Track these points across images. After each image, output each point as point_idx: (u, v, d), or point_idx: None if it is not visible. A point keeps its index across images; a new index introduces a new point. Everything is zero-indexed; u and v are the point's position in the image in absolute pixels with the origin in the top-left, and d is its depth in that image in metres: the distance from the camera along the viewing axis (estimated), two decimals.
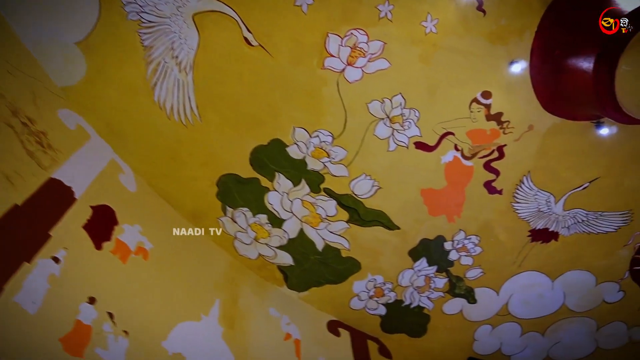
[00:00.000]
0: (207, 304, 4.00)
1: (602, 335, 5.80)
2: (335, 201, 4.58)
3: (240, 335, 4.05)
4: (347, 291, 5.08)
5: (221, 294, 4.23)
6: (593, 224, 4.98)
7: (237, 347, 3.90)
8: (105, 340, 2.94)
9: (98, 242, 3.37)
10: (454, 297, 5.28)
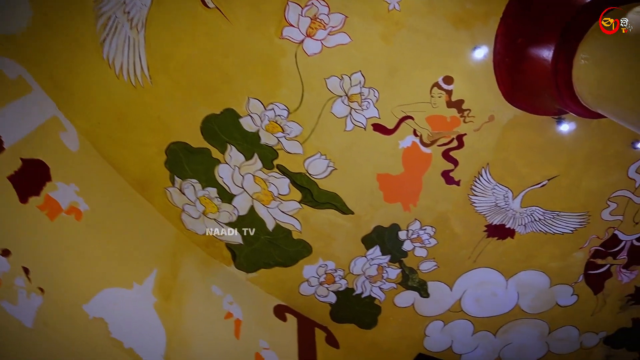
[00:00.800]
0: (143, 273, 3.84)
1: (553, 339, 5.77)
2: (288, 179, 4.47)
3: (175, 307, 3.90)
4: (297, 275, 4.97)
5: (160, 265, 4.07)
6: (550, 223, 4.95)
7: (169, 319, 3.75)
8: (15, 295, 2.77)
9: (23, 196, 3.20)
10: (407, 289, 5.20)
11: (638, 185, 4.83)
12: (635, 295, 5.55)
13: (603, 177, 4.75)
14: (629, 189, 4.84)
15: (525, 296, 5.41)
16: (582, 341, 5.83)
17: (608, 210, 4.94)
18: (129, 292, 3.60)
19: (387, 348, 5.57)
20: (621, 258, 5.26)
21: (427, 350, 5.69)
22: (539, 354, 5.88)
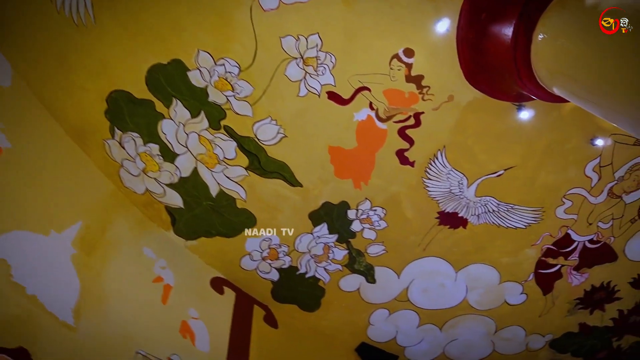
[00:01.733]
0: (64, 222, 3.61)
1: (499, 339, 5.69)
2: (235, 143, 4.27)
3: (97, 263, 3.67)
4: (239, 247, 4.77)
5: (88, 219, 3.84)
6: (503, 216, 4.85)
7: (87, 273, 3.53)
8: None
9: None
10: (353, 272, 5.04)
11: (594, 184, 4.76)
12: (584, 300, 5.49)
13: (560, 173, 4.67)
14: (585, 187, 4.78)
15: (474, 291, 5.31)
16: (528, 343, 5.76)
17: (563, 207, 4.86)
18: (44, 238, 3.37)
19: (330, 334, 5.41)
20: (572, 259, 5.20)
21: (371, 339, 5.55)
22: (484, 353, 5.79)
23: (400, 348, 5.64)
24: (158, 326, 3.82)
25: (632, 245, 5.19)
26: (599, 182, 4.76)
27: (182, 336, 3.95)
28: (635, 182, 4.78)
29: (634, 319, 5.70)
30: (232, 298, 4.81)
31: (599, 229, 5.03)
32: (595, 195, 4.83)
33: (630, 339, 5.89)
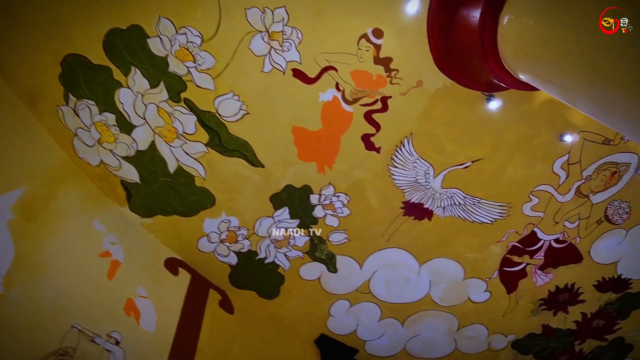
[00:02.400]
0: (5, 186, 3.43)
1: (462, 337, 5.61)
2: (195, 117, 4.13)
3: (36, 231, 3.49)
4: (196, 228, 4.62)
5: (32, 186, 3.66)
6: (470, 210, 4.78)
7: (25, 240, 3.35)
8: None
9: None
10: (314, 260, 4.92)
11: (562, 182, 4.71)
12: (547, 300, 5.44)
13: (528, 168, 4.61)
14: (553, 184, 4.72)
15: (438, 286, 5.23)
16: (490, 342, 5.69)
17: (530, 204, 4.80)
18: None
19: (288, 323, 5.28)
20: (538, 258, 5.14)
21: (331, 331, 5.43)
22: (445, 351, 5.71)
23: (360, 342, 5.53)
24: (100, 301, 3.66)
25: (598, 247, 5.16)
26: (566, 180, 4.71)
27: (125, 314, 3.79)
28: (602, 182, 4.74)
29: (597, 323, 5.67)
30: (186, 280, 4.65)
31: (565, 228, 4.98)
32: (562, 194, 4.78)
33: (593, 343, 5.85)
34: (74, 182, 4.13)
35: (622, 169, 4.71)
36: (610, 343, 5.87)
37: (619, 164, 4.68)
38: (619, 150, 4.63)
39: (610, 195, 4.86)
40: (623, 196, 4.88)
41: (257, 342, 4.88)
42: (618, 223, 5.02)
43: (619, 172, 4.72)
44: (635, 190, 4.85)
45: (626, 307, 5.60)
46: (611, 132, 4.52)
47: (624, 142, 4.57)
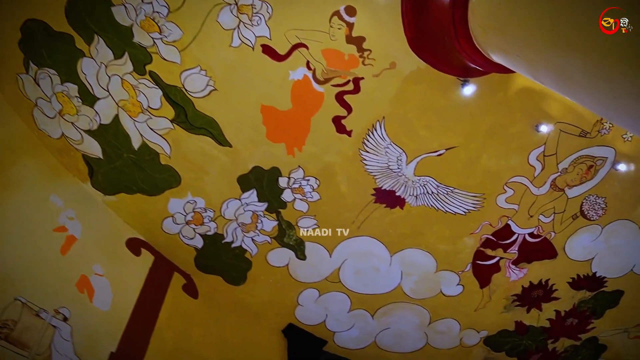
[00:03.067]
0: None
1: (433, 331, 5.52)
2: (161, 91, 4.02)
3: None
4: (161, 208, 4.50)
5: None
6: (443, 199, 4.69)
7: None
8: None
9: None
10: (282, 246, 4.82)
11: (537, 174, 4.64)
12: (521, 296, 5.37)
13: (503, 158, 4.54)
14: (528, 176, 4.65)
15: (409, 277, 5.13)
16: (463, 338, 5.60)
17: (504, 196, 4.73)
18: None
19: (255, 311, 5.16)
20: (511, 252, 5.06)
21: (299, 321, 5.32)
22: (416, 345, 5.62)
23: (329, 333, 5.43)
24: (50, 276, 3.52)
25: (572, 243, 5.09)
26: (542, 172, 4.64)
27: (77, 290, 3.66)
28: (578, 175, 4.68)
29: (571, 321, 5.60)
30: (149, 261, 4.52)
31: (539, 222, 4.91)
32: (537, 186, 4.71)
33: (566, 342, 5.78)
34: (33, 154, 4.00)
35: (598, 163, 4.64)
36: (584, 343, 5.80)
37: (595, 158, 4.61)
38: (596, 144, 4.56)
39: (586, 190, 4.80)
40: (599, 191, 4.82)
41: (221, 329, 4.76)
42: (594, 219, 4.95)
43: (595, 166, 4.65)
44: (611, 185, 4.79)
45: (601, 306, 5.53)
46: (588, 124, 4.46)
47: (600, 135, 4.51)
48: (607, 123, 4.45)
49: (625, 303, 5.56)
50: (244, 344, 4.91)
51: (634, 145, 4.60)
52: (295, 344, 5.27)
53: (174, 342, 4.14)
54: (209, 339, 4.54)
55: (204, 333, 4.54)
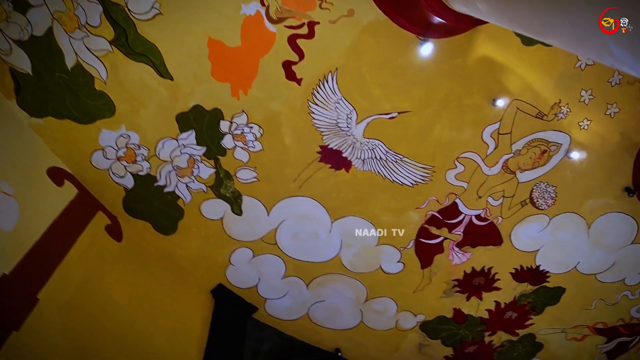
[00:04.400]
0: None
1: (369, 309, 5.36)
2: (102, 7, 3.76)
3: None
4: (91, 139, 4.23)
5: None
6: (391, 167, 4.54)
7: None
8: None
9: None
10: (218, 197, 4.59)
11: (490, 152, 4.54)
12: (462, 282, 5.25)
13: (456, 130, 4.42)
14: (480, 153, 4.54)
15: (349, 248, 4.96)
16: (399, 320, 5.46)
17: (454, 172, 4.61)
18: None
19: (184, 266, 4.92)
20: (456, 233, 4.94)
21: (230, 282, 5.10)
22: (350, 323, 5.45)
23: (261, 299, 5.21)
24: None
25: (519, 232, 5.00)
26: (495, 151, 4.54)
27: None
28: (531, 159, 4.59)
29: (510, 315, 5.51)
30: (71, 195, 4.23)
31: (488, 204, 4.81)
32: (489, 166, 4.61)
33: (503, 337, 5.70)
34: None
35: (552, 148, 4.56)
36: (521, 339, 5.72)
37: (549, 143, 4.53)
38: (552, 128, 4.48)
39: (538, 176, 4.72)
40: (550, 179, 4.74)
41: (142, 278, 4.50)
42: (542, 208, 4.87)
43: (549, 151, 4.57)
44: (563, 174, 4.72)
45: (541, 302, 5.46)
46: (545, 106, 4.38)
47: (557, 119, 4.43)
48: (564, 107, 4.37)
49: (566, 301, 5.50)
50: (166, 298, 4.66)
51: (589, 134, 4.53)
52: (222, 306, 5.04)
53: (82, 279, 3.87)
54: (126, 285, 4.28)
55: (121, 278, 4.27)
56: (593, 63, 4.17)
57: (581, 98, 4.35)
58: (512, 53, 4.10)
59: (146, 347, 4.16)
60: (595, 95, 4.34)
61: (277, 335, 5.39)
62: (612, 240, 5.15)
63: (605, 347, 5.97)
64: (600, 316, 5.69)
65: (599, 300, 5.57)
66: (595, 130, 4.52)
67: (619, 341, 5.92)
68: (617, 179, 4.81)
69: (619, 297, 5.58)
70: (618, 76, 4.26)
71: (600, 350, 5.99)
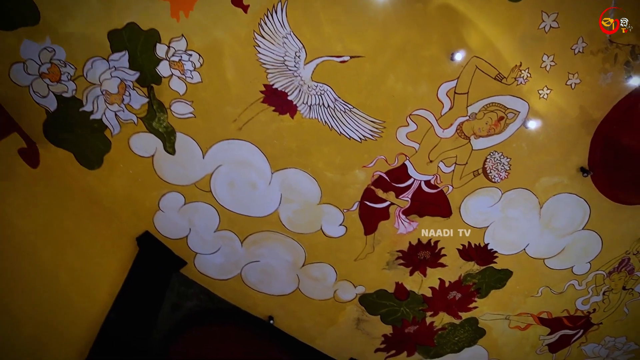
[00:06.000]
0: None
1: (306, 275, 5.08)
2: None
3: None
4: (11, 48, 3.84)
5: None
6: (339, 117, 4.28)
7: None
8: None
9: None
10: (149, 131, 4.25)
11: (444, 112, 4.32)
12: (406, 254, 5.01)
13: (411, 84, 4.18)
14: (434, 113, 4.32)
15: (289, 205, 4.68)
16: (337, 290, 5.19)
17: (406, 130, 4.38)
18: None
19: (108, 206, 4.56)
20: (404, 199, 4.70)
21: (158, 231, 4.75)
22: (286, 288, 5.16)
23: (191, 253, 4.88)
24: None
25: (469, 205, 4.80)
26: (450, 112, 4.33)
27: None
28: (487, 125, 4.39)
29: (454, 295, 5.30)
30: None
31: (439, 170, 4.59)
32: (443, 127, 4.39)
33: (445, 319, 5.48)
34: None
35: (509, 116, 4.37)
36: (463, 323, 5.52)
37: (507, 109, 4.34)
38: (510, 93, 4.30)
39: (493, 145, 4.52)
40: (505, 150, 4.55)
41: (55, 210, 4.12)
42: (495, 181, 4.68)
43: (505, 118, 4.38)
44: (518, 146, 4.54)
45: (487, 284, 5.27)
46: (506, 68, 4.19)
47: (517, 83, 4.25)
48: (525, 71, 4.18)
49: (512, 286, 5.32)
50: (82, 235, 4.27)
51: (548, 104, 4.36)
52: (147, 257, 4.68)
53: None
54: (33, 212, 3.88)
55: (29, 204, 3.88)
56: (558, 26, 4.00)
57: (543, 63, 4.17)
58: (475, 3, 3.89)
59: (48, 282, 3.78)
60: (557, 62, 4.17)
61: (206, 295, 5.06)
62: (562, 224, 4.98)
63: (547, 339, 5.81)
64: (546, 305, 5.53)
65: (545, 287, 5.41)
66: (555, 100, 4.35)
67: (562, 334, 5.77)
68: (573, 157, 4.65)
69: (565, 286, 5.42)
70: (582, 44, 4.09)
71: (542, 342, 5.83)
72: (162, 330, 4.60)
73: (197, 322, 4.88)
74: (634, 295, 5.63)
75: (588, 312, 5.66)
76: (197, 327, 4.91)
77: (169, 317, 4.66)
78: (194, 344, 4.83)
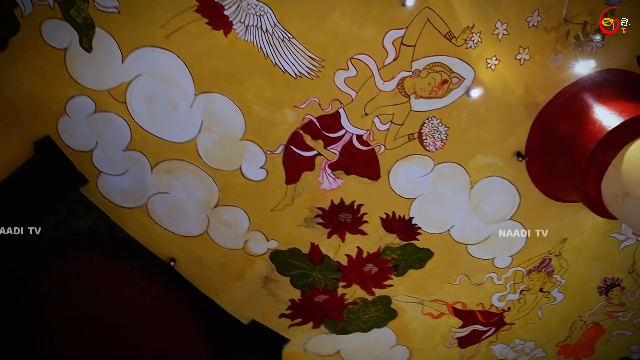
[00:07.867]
0: None
1: (217, 218, 4.76)
2: None
3: None
4: None
5: None
6: (276, 45, 4.01)
7: None
8: None
9: None
10: (66, 20, 3.87)
11: (388, 62, 4.12)
12: (327, 213, 4.76)
13: (358, 24, 3.96)
14: (377, 61, 4.11)
15: (209, 134, 4.36)
16: (249, 241, 4.89)
17: (345, 74, 4.15)
18: None
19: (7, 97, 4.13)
20: (332, 151, 4.46)
21: (60, 138, 4.35)
22: (193, 229, 4.83)
23: (94, 170, 4.48)
24: None
25: (399, 171, 4.60)
26: (393, 63, 4.13)
27: None
28: (430, 86, 4.21)
29: (370, 268, 5.07)
30: None
31: (373, 126, 4.37)
32: (384, 79, 4.19)
33: (358, 293, 5.23)
34: None
35: (454, 80, 4.21)
36: (375, 300, 5.29)
37: (452, 73, 4.18)
38: (458, 56, 4.14)
39: (432, 109, 4.34)
40: (444, 117, 4.39)
41: None
42: (429, 149, 4.51)
43: (449, 82, 4.21)
44: (458, 115, 4.38)
45: (405, 262, 5.07)
46: (457, 27, 4.03)
47: (466, 46, 4.08)
48: (476, 35, 4.03)
49: (431, 268, 5.14)
50: None
51: (494, 76, 4.23)
52: (39, 166, 4.24)
53: None
54: None
55: None
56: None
57: (495, 30, 4.03)
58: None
59: None
60: (510, 31, 4.04)
61: (104, 221, 4.65)
62: (490, 209, 4.85)
63: (458, 332, 5.65)
64: (462, 295, 5.37)
65: (464, 276, 5.25)
66: (502, 73, 4.22)
67: (474, 329, 5.62)
68: (511, 138, 4.53)
69: (484, 278, 5.29)
70: (537, 17, 3.98)
71: (453, 334, 5.66)
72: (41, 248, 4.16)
73: (87, 247, 4.46)
74: (550, 299, 5.55)
75: (502, 309, 5.54)
76: (88, 253, 4.49)
77: (52, 233, 4.22)
78: (76, 271, 4.41)
